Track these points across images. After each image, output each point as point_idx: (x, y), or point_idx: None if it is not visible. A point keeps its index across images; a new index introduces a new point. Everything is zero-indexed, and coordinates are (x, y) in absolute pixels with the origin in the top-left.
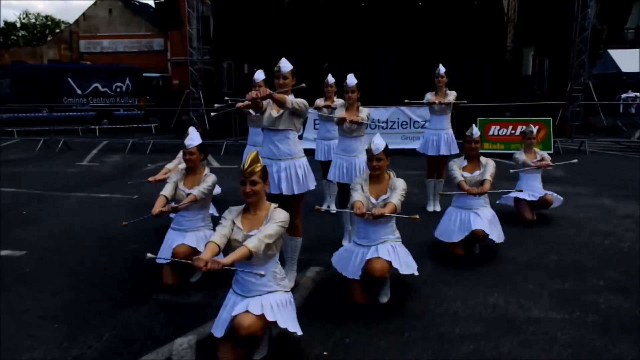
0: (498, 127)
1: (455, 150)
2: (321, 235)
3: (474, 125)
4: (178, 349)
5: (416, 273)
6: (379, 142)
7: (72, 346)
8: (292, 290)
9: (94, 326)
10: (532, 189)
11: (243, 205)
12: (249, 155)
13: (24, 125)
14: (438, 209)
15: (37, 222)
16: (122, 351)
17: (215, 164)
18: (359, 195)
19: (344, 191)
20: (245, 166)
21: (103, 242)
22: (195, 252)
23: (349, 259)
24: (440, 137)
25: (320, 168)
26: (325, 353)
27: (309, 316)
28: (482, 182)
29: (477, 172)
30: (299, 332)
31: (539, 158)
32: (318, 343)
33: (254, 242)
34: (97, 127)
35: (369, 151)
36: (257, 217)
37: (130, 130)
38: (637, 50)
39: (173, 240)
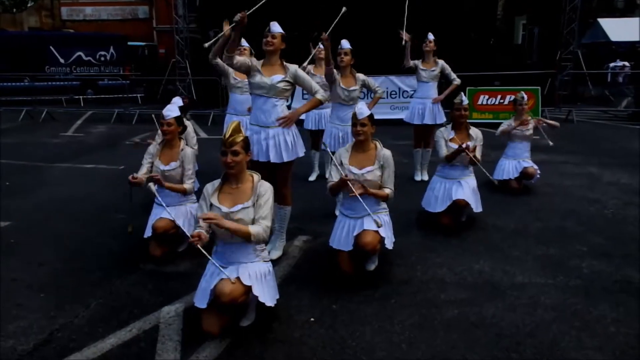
0: (487, 97)
1: (441, 119)
2: (309, 204)
3: (462, 93)
4: (165, 316)
5: (384, 235)
6: (363, 107)
7: (59, 315)
8: (280, 258)
9: (81, 295)
10: (517, 155)
11: (219, 180)
12: (230, 125)
13: (5, 95)
14: (425, 178)
15: (22, 193)
16: (110, 319)
17: (203, 135)
18: (335, 176)
19: None
20: (227, 136)
21: (89, 212)
22: (174, 225)
23: (335, 229)
24: (426, 106)
25: (309, 137)
26: (312, 319)
27: (296, 284)
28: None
29: (468, 144)
30: (269, 303)
31: (532, 126)
32: (305, 309)
33: (258, 230)
34: (81, 97)
35: (353, 116)
36: (239, 191)
37: (116, 100)
38: (627, 19)
39: (155, 216)
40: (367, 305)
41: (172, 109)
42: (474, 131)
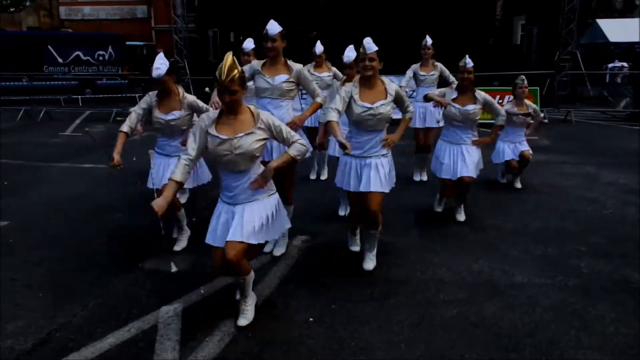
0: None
1: (442, 122)
2: (307, 204)
3: (467, 55)
4: (164, 316)
5: (388, 189)
6: (370, 42)
7: (57, 314)
8: (279, 258)
9: (80, 295)
10: (514, 139)
11: (216, 112)
12: (224, 60)
13: (4, 95)
14: (424, 178)
15: (20, 193)
16: (108, 319)
17: None
18: (334, 116)
19: None
20: (223, 77)
21: (88, 211)
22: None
23: (341, 170)
24: (427, 108)
25: (307, 135)
26: (311, 319)
27: (295, 283)
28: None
29: (471, 107)
30: (288, 225)
31: (530, 110)
32: (304, 309)
33: (299, 149)
34: (80, 96)
35: (361, 53)
36: (238, 121)
37: (115, 100)
38: (625, 20)
39: (162, 168)
40: (366, 305)
41: (160, 66)
42: (480, 95)
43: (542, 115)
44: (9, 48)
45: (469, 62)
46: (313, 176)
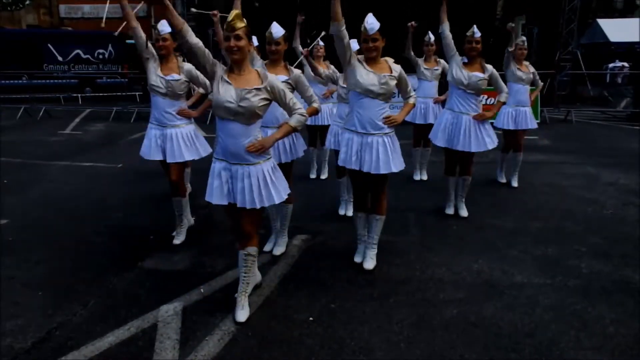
0: (486, 97)
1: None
2: (307, 203)
3: (475, 25)
4: (164, 315)
5: (397, 170)
6: (373, 21)
7: (56, 313)
8: (279, 257)
9: (79, 294)
10: (518, 102)
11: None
12: (232, 12)
13: (4, 93)
14: (425, 177)
15: (20, 191)
16: (107, 318)
17: (202, 133)
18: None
19: None
20: (230, 17)
21: (87, 210)
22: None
23: (344, 147)
24: (428, 105)
25: (307, 134)
26: (311, 318)
27: (295, 283)
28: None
29: (479, 75)
30: (279, 201)
31: (531, 71)
32: (304, 309)
33: (298, 119)
34: (79, 95)
35: (363, 32)
36: (243, 77)
37: (114, 98)
38: (626, 19)
39: (160, 140)
40: (365, 304)
41: (166, 24)
42: (488, 67)
43: (541, 83)
44: (9, 46)
45: (476, 32)
46: (313, 175)
